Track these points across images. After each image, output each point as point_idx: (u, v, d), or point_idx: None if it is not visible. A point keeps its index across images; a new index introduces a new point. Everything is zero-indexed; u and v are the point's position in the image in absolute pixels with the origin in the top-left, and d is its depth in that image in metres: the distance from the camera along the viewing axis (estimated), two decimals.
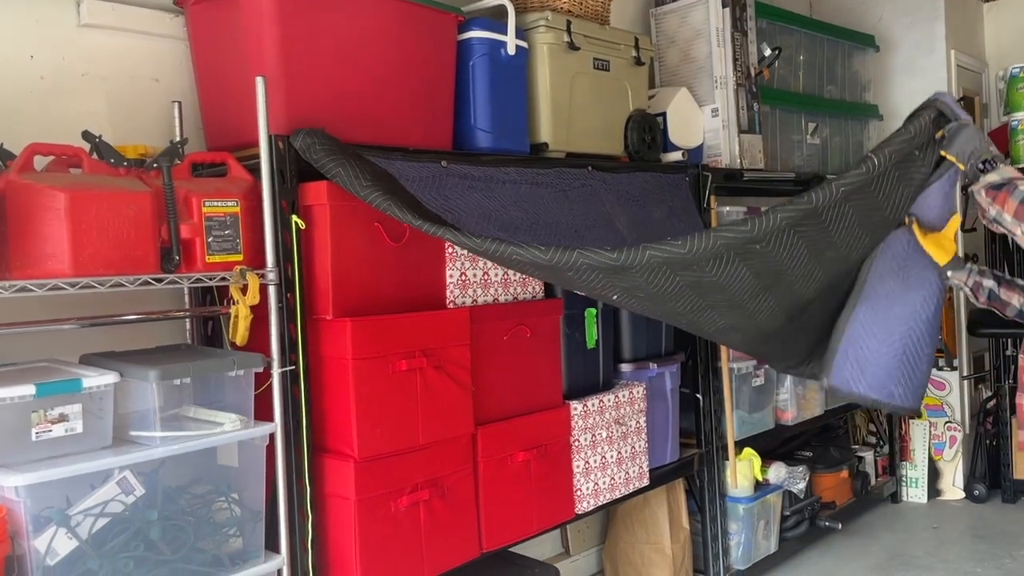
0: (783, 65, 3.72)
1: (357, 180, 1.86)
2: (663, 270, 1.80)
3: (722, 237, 1.76)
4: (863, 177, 1.78)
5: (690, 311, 2.00)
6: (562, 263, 1.76)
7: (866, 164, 1.78)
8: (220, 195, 1.86)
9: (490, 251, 1.82)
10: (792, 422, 3.48)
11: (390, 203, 1.83)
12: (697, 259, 1.77)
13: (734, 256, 1.80)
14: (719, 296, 1.93)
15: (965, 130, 1.85)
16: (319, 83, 2.04)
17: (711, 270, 1.81)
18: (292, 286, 1.93)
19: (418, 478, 2.08)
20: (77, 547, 1.61)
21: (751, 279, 1.88)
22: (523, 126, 2.51)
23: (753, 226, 1.75)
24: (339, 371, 1.98)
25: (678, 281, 1.84)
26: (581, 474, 2.52)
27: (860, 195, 1.81)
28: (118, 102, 2.15)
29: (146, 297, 2.10)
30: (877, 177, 1.80)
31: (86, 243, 1.64)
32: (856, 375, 2.13)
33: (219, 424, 1.81)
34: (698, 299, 1.94)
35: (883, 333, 2.08)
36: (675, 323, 2.34)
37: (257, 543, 1.88)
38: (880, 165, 1.78)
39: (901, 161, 1.81)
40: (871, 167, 1.78)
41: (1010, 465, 4.17)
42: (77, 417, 1.64)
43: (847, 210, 1.82)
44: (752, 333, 2.19)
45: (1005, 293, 2.05)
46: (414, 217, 1.83)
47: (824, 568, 3.48)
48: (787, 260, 1.86)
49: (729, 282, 1.86)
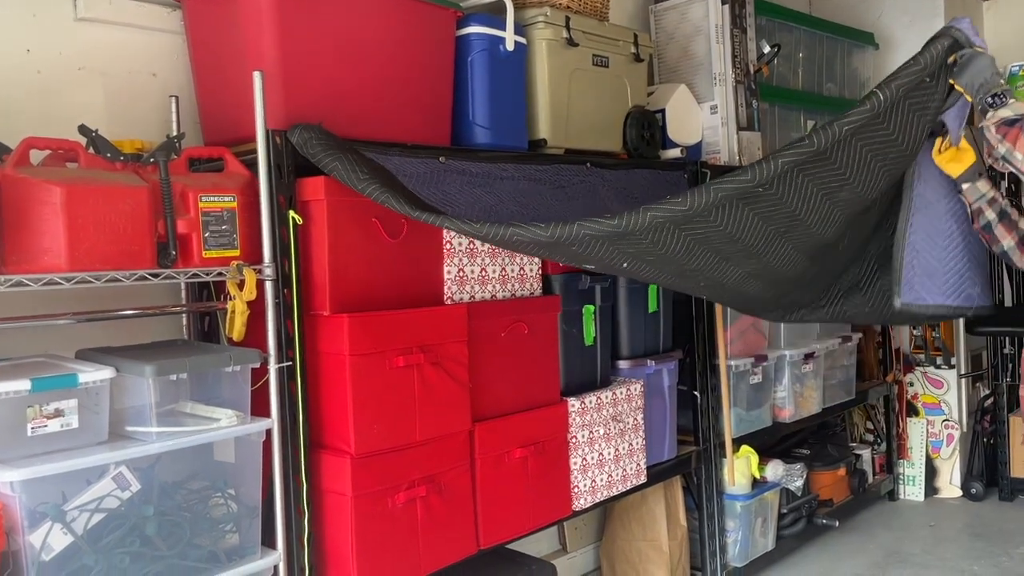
0: (782, 62, 3.71)
1: (354, 173, 1.85)
2: (668, 229, 1.74)
3: (723, 189, 1.69)
4: (867, 114, 1.68)
5: (706, 267, 1.93)
6: (564, 237, 1.72)
7: (871, 100, 1.69)
8: (217, 190, 1.85)
9: (491, 235, 1.79)
10: (790, 420, 3.47)
11: (388, 195, 1.82)
12: (699, 212, 1.71)
13: (739, 204, 1.73)
14: (732, 247, 1.87)
15: (978, 59, 1.75)
16: (317, 78, 2.03)
17: (717, 221, 1.75)
18: (289, 282, 1.93)
19: (415, 474, 2.08)
20: (72, 543, 1.61)
21: (762, 225, 1.82)
22: (522, 122, 2.50)
23: (754, 174, 1.69)
24: (336, 367, 1.98)
25: (686, 238, 1.78)
26: (579, 471, 2.51)
27: (870, 131, 1.72)
28: (115, 96, 2.14)
29: (143, 292, 2.10)
30: (885, 111, 1.71)
31: (82, 238, 1.64)
32: (928, 286, 2.07)
33: (215, 420, 1.80)
34: (711, 254, 1.88)
35: (945, 235, 2.03)
36: (694, 288, 2.23)
37: (253, 539, 1.88)
38: (886, 100, 1.68)
39: (912, 90, 1.72)
40: (876, 103, 1.68)
41: (1007, 463, 4.17)
42: (73, 412, 1.64)
43: (859, 148, 1.74)
44: (773, 278, 2.11)
45: (1001, 230, 2.01)
46: (412, 208, 1.82)
47: (821, 566, 3.49)
48: (798, 203, 1.79)
49: (739, 231, 1.80)
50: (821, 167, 1.73)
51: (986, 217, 2.01)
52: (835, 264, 2.14)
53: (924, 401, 4.35)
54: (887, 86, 1.70)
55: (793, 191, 1.74)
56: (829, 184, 1.79)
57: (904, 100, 1.72)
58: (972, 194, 2.00)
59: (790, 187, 1.73)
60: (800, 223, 1.86)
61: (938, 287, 2.09)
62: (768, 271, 2.04)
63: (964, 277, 2.09)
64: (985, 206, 2.01)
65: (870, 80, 4.33)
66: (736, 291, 2.20)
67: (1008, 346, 4.27)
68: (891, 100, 1.69)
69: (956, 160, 1.94)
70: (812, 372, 3.57)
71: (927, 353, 4.34)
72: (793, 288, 2.22)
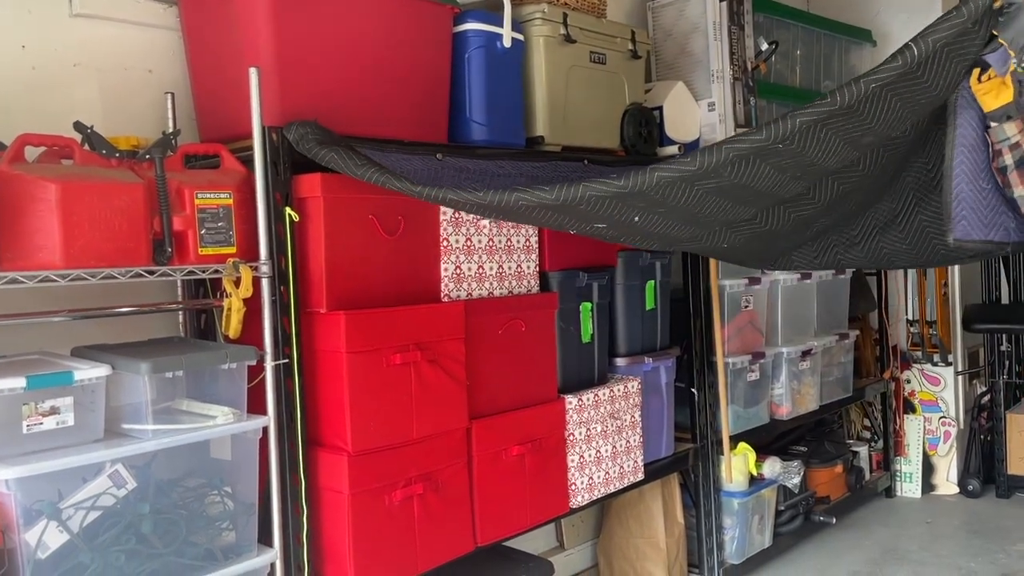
0: (780, 60, 3.71)
1: (351, 160, 1.83)
2: (677, 185, 1.70)
3: (734, 148, 1.62)
4: (898, 70, 1.57)
5: (720, 212, 1.88)
6: (570, 199, 1.68)
7: (902, 56, 1.57)
8: (213, 187, 1.85)
9: (495, 203, 1.74)
10: (787, 417, 3.48)
11: (387, 176, 1.79)
12: (709, 172, 1.65)
13: (753, 159, 1.67)
14: (746, 193, 1.82)
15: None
16: (314, 74, 2.02)
17: (729, 175, 1.70)
18: (285, 279, 1.92)
19: (412, 472, 2.07)
20: (68, 540, 1.61)
21: (776, 175, 1.76)
22: (519, 119, 2.50)
23: (768, 133, 1.61)
24: (333, 365, 1.97)
25: (697, 190, 1.73)
26: (576, 468, 2.51)
27: (905, 83, 1.62)
28: (110, 93, 2.13)
29: (138, 289, 2.09)
30: (921, 64, 1.59)
31: (77, 235, 1.63)
32: (974, 221, 2.02)
33: (212, 417, 1.80)
34: (725, 201, 1.84)
35: (983, 167, 2.00)
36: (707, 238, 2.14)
37: (250, 537, 1.87)
38: (920, 55, 1.57)
39: (952, 42, 1.60)
40: (908, 59, 1.56)
41: (1004, 460, 4.18)
42: (68, 410, 1.63)
43: (889, 99, 1.64)
44: (799, 214, 2.05)
45: (1015, 177, 1.96)
46: (412, 184, 1.79)
47: (818, 563, 3.49)
48: (818, 153, 1.71)
49: (755, 180, 1.74)
50: (845, 120, 1.65)
51: (1004, 160, 1.97)
52: (866, 195, 2.06)
53: (921, 398, 4.36)
54: (923, 39, 1.57)
55: (813, 143, 1.67)
56: (852, 133, 1.71)
57: (943, 49, 1.60)
58: (997, 135, 1.96)
59: (810, 140, 1.66)
60: (817, 167, 1.79)
61: (981, 221, 2.04)
62: (792, 207, 1.97)
63: (999, 210, 2.06)
64: (1006, 150, 1.97)
65: None
66: (758, 234, 2.12)
67: (1005, 343, 4.28)
68: (927, 54, 1.58)
69: (993, 94, 1.87)
70: (809, 369, 3.57)
71: (924, 350, 4.35)
72: (821, 223, 2.14)
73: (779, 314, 3.48)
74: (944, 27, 1.58)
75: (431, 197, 1.80)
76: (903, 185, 2.16)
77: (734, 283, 3.19)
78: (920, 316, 4.33)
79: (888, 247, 2.30)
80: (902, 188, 2.16)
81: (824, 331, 3.75)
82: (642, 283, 2.85)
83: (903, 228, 2.24)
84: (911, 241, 2.27)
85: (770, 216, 2.05)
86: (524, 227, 2.45)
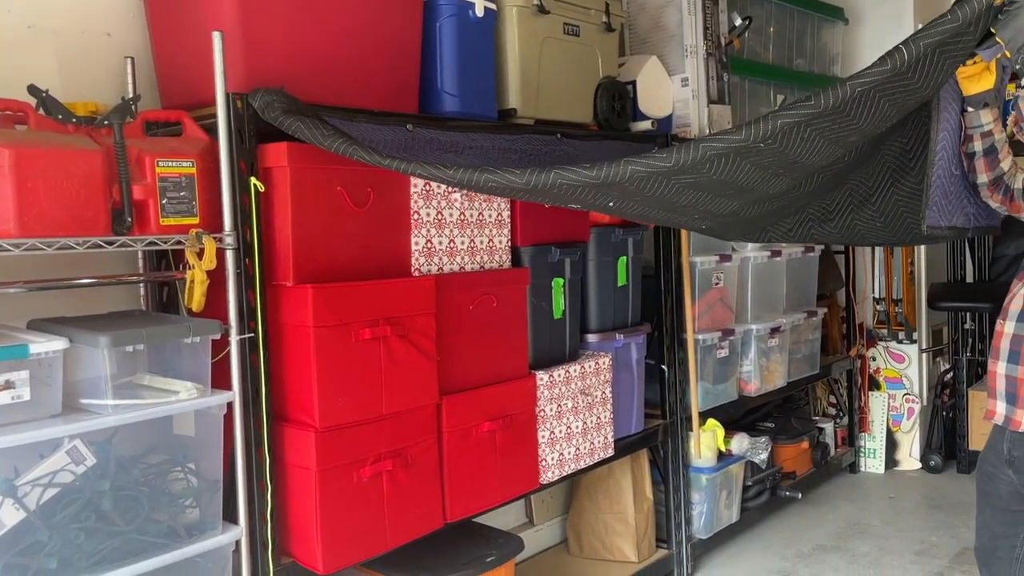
0: (753, 36, 3.69)
1: (317, 131, 1.78)
2: (654, 179, 1.66)
3: (712, 147, 1.58)
4: (885, 74, 1.52)
5: (699, 203, 1.85)
6: (540, 185, 1.64)
7: (891, 59, 1.51)
8: (175, 155, 1.79)
9: (464, 180, 1.71)
10: (755, 393, 3.50)
11: (355, 147, 1.74)
12: (685, 168, 1.61)
13: (733, 156, 1.62)
14: (726, 187, 1.79)
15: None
16: (280, 40, 1.96)
17: (707, 171, 1.66)
18: (251, 251, 1.87)
19: (381, 448, 2.05)
20: (25, 518, 1.56)
21: (758, 172, 1.72)
22: (491, 91, 2.45)
23: (748, 134, 1.56)
24: (300, 339, 1.93)
25: (673, 184, 1.69)
26: (546, 444, 2.50)
27: (893, 85, 1.58)
28: (67, 57, 2.05)
29: (98, 261, 2.03)
30: (911, 66, 1.54)
31: (32, 202, 1.57)
32: (943, 207, 2.02)
33: (174, 392, 1.75)
34: (704, 193, 1.80)
35: (955, 150, 1.99)
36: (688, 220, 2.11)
37: (215, 514, 1.84)
38: (910, 58, 1.51)
39: (944, 44, 1.55)
40: (898, 62, 1.51)
41: (966, 436, 4.26)
42: (24, 384, 1.58)
43: (880, 102, 1.60)
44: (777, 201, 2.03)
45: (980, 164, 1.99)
46: (382, 156, 1.74)
47: (784, 537, 3.53)
48: (801, 151, 1.67)
49: (734, 176, 1.70)
50: (831, 121, 1.62)
51: (974, 147, 2.00)
52: (841, 172, 2.04)
53: (886, 375, 4.42)
54: (915, 43, 1.52)
55: (797, 143, 1.63)
56: (838, 133, 1.67)
57: (936, 51, 1.56)
58: (972, 120, 1.98)
59: (793, 140, 1.62)
60: (802, 165, 1.76)
61: (948, 208, 2.06)
62: (769, 197, 1.95)
63: (962, 196, 2.07)
64: (978, 136, 1.99)
65: (839, 56, 4.33)
66: (734, 215, 2.09)
67: (969, 321, 4.34)
68: (918, 56, 1.52)
69: (975, 79, 1.87)
70: (778, 346, 3.59)
71: (890, 328, 4.40)
72: (797, 201, 2.12)
73: (749, 291, 3.49)
74: (937, 31, 1.52)
75: (401, 170, 1.75)
76: (881, 163, 2.15)
77: (705, 260, 3.19)
78: (886, 295, 4.38)
79: (862, 224, 2.30)
80: (880, 166, 2.15)
81: (793, 309, 3.77)
82: (614, 259, 2.83)
83: (878, 206, 2.24)
84: (885, 219, 2.27)
85: (751, 206, 2.03)
86: (496, 201, 2.42)
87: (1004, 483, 2.03)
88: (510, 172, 1.65)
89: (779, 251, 3.60)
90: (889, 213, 2.24)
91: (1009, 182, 2.05)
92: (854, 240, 2.51)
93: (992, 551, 2.09)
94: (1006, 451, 2.00)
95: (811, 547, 3.42)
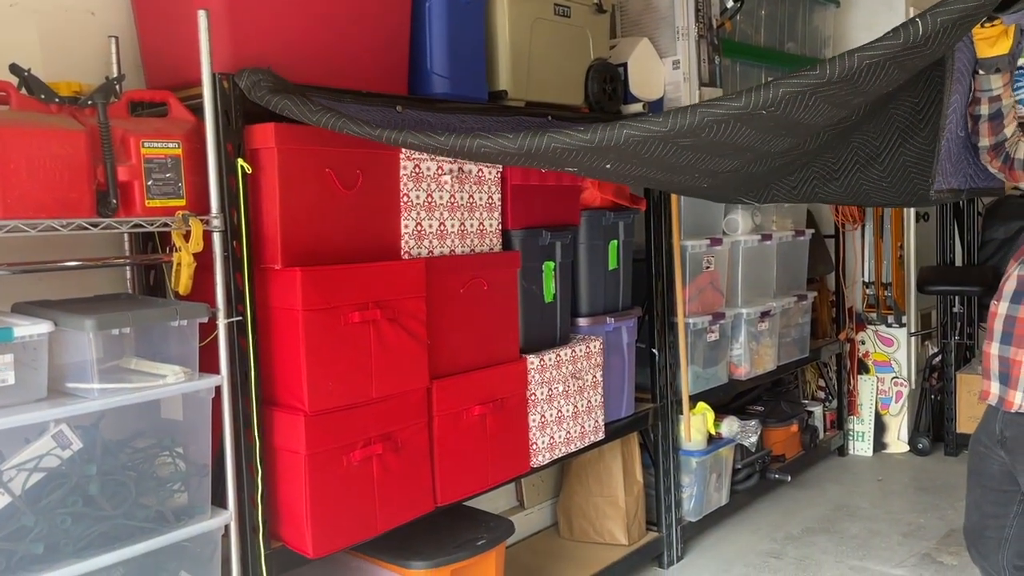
0: (744, 19, 3.67)
1: (305, 107, 1.74)
2: (651, 142, 1.63)
3: (710, 113, 1.52)
4: (896, 48, 1.44)
5: (698, 163, 1.82)
6: (534, 149, 1.61)
7: (905, 31, 1.43)
8: (160, 136, 1.76)
9: (456, 146, 1.67)
10: (745, 377, 3.51)
11: (344, 121, 1.71)
12: (683, 132, 1.57)
13: (733, 122, 1.58)
14: (726, 148, 1.75)
15: None
16: (267, 18, 1.93)
17: (708, 135, 1.62)
18: (238, 233, 1.85)
19: (371, 432, 2.04)
20: (10, 503, 1.54)
21: (758, 134, 1.68)
22: (481, 72, 2.43)
23: (748, 101, 1.50)
24: (289, 322, 1.91)
25: (671, 146, 1.66)
26: (537, 428, 2.50)
27: (905, 54, 1.50)
28: (50, 35, 2.01)
29: (83, 244, 2.00)
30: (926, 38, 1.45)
31: (14, 184, 1.55)
32: (948, 170, 2.01)
33: (162, 376, 1.73)
34: (703, 155, 1.77)
35: (964, 111, 2.00)
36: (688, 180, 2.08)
37: (203, 498, 1.82)
38: (925, 31, 1.43)
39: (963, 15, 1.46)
40: (912, 34, 1.43)
41: (953, 419, 4.28)
42: (9, 368, 1.56)
43: (889, 68, 1.53)
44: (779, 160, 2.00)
45: (984, 128, 1.99)
46: (372, 128, 1.71)
47: (773, 519, 3.55)
48: (804, 115, 1.62)
49: (734, 139, 1.67)
50: (836, 88, 1.56)
51: (980, 110, 1.99)
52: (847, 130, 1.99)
53: (875, 359, 4.43)
54: (932, 17, 1.43)
55: (800, 108, 1.58)
56: (844, 97, 1.62)
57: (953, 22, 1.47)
58: (982, 83, 1.97)
59: (796, 106, 1.56)
60: (805, 125, 1.72)
61: (952, 169, 2.05)
62: (771, 155, 1.91)
63: (963, 157, 2.07)
64: (986, 100, 1.98)
65: (831, 39, 4.32)
66: (735, 172, 2.04)
67: (957, 305, 4.36)
68: (933, 30, 1.44)
69: (991, 41, 1.85)
70: (768, 330, 3.60)
71: (879, 312, 4.41)
72: (800, 158, 2.09)
73: (739, 275, 3.49)
74: (955, 8, 1.44)
75: (392, 140, 1.70)
76: (890, 121, 2.10)
77: (696, 243, 3.18)
78: (876, 278, 4.39)
79: (868, 183, 2.25)
80: (888, 124, 2.10)
81: (783, 292, 3.78)
82: (605, 243, 2.82)
83: (885, 166, 2.20)
84: (891, 179, 2.22)
85: (752, 163, 1.98)
86: (487, 184, 2.40)
87: (996, 463, 2.04)
88: (503, 136, 1.62)
89: (769, 235, 3.60)
90: (896, 173, 2.20)
91: (1010, 149, 2.05)
92: (859, 200, 2.47)
93: (981, 531, 2.10)
94: (998, 431, 2.01)
95: (800, 529, 3.44)
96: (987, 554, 2.09)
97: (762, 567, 3.12)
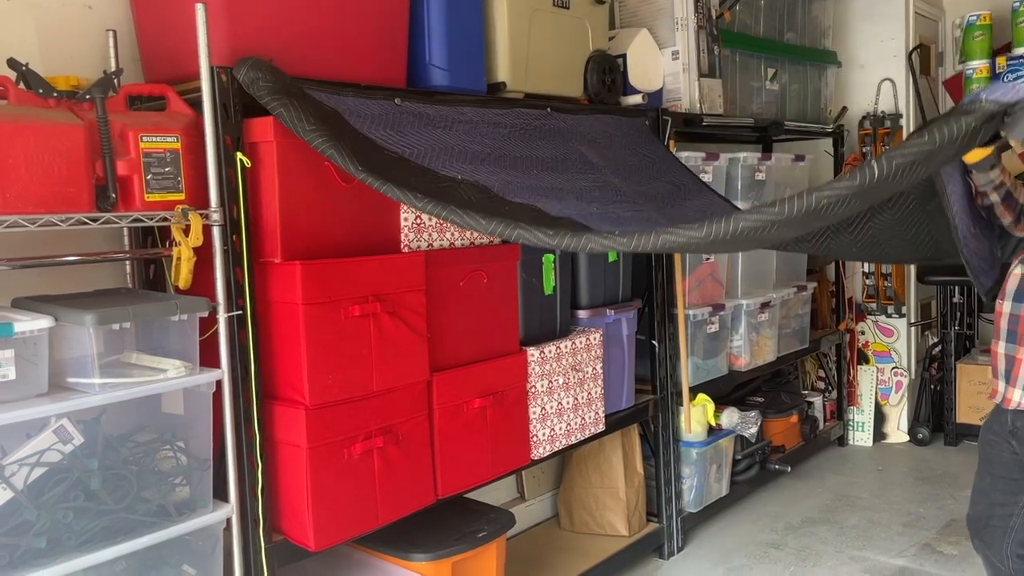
0: (744, 9, 3.65)
1: (301, 123, 1.75)
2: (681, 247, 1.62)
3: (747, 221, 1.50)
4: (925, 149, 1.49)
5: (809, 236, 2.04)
6: (641, 246, 1.55)
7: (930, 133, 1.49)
8: (159, 130, 1.76)
9: (564, 244, 1.61)
10: (745, 368, 3.51)
11: (334, 150, 1.72)
12: (718, 242, 1.56)
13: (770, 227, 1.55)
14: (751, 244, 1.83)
15: None
16: (265, 11, 1.92)
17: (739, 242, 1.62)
18: (238, 227, 1.85)
19: (372, 425, 2.04)
20: (12, 498, 1.55)
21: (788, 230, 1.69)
22: (480, 64, 2.42)
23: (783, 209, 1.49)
24: (289, 316, 1.91)
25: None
26: (537, 420, 2.50)
27: (924, 165, 1.56)
28: (48, 29, 2.01)
29: (83, 238, 2.00)
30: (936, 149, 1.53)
31: (13, 179, 1.55)
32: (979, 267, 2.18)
33: (162, 371, 1.73)
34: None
35: (969, 214, 2.10)
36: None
37: (205, 492, 1.83)
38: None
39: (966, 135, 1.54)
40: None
41: (953, 409, 4.29)
42: (9, 363, 1.56)
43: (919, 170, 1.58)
44: None
45: (1001, 210, 2.07)
46: (357, 169, 1.72)
47: (773, 510, 3.56)
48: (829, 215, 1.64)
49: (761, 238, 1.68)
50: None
51: (990, 200, 2.07)
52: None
53: (875, 349, 4.44)
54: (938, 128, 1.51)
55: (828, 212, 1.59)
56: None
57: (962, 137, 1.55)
58: (981, 179, 2.05)
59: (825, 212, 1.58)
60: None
61: (983, 264, 2.22)
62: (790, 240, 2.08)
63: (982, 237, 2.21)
64: (991, 191, 2.05)
65: (830, 29, 4.30)
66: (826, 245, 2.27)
67: (957, 295, 4.36)
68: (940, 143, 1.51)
69: (977, 153, 1.94)
70: (768, 321, 3.60)
71: (879, 302, 4.41)
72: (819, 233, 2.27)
73: (739, 266, 3.49)
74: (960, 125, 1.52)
75: (375, 187, 1.70)
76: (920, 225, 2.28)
77: None
78: (876, 269, 4.39)
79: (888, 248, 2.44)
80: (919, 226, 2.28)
81: (783, 283, 3.77)
82: None
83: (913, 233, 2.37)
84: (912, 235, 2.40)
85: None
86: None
87: (1007, 451, 2.07)
88: (611, 237, 1.56)
89: None
90: (923, 236, 2.37)
91: None
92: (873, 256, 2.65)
93: (987, 519, 2.11)
94: (1009, 422, 2.06)
95: (800, 520, 3.45)
96: (991, 542, 2.10)
97: (762, 557, 3.13)
